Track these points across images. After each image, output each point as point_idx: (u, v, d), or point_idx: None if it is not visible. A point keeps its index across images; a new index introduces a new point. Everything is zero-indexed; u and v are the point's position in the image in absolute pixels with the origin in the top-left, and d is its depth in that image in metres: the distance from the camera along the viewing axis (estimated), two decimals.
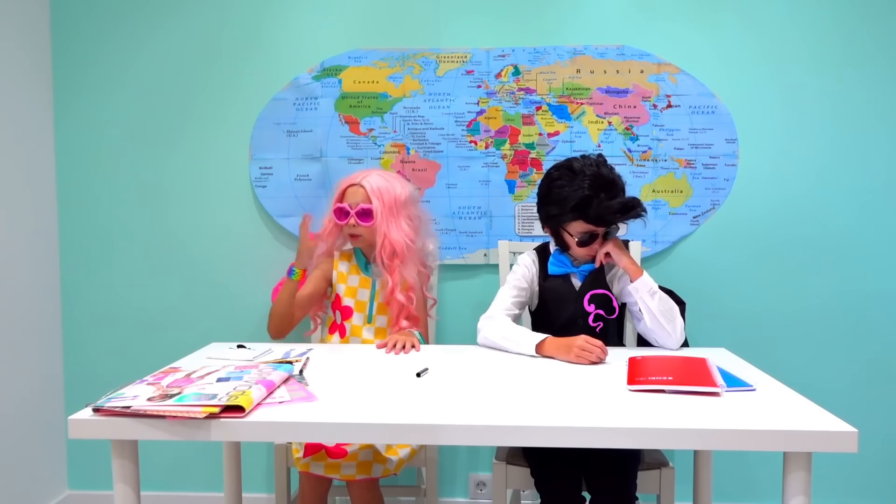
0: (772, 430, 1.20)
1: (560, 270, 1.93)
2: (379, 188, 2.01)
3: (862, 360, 2.37)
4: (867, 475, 2.39)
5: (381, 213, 1.99)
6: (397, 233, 2.00)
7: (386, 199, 2.00)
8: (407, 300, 2.02)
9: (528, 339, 1.78)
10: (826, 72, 2.32)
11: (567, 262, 1.93)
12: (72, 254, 2.49)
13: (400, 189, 2.05)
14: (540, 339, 1.76)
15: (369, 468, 1.80)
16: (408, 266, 2.03)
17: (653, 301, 1.81)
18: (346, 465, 1.79)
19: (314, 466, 1.80)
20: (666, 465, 1.76)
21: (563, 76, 2.36)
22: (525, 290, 1.97)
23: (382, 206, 2.00)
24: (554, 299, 1.95)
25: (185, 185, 2.46)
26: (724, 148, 2.35)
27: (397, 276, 2.00)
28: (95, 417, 1.26)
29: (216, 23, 2.41)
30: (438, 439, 1.25)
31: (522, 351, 1.78)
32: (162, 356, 2.05)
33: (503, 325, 1.87)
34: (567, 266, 1.93)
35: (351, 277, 2.10)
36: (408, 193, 2.08)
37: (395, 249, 2.00)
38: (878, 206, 2.34)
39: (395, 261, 2.01)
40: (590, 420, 1.25)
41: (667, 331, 1.81)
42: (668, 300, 1.83)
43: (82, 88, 2.45)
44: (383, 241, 1.99)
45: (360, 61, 2.39)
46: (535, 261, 2.00)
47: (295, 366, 1.56)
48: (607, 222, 1.84)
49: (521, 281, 1.97)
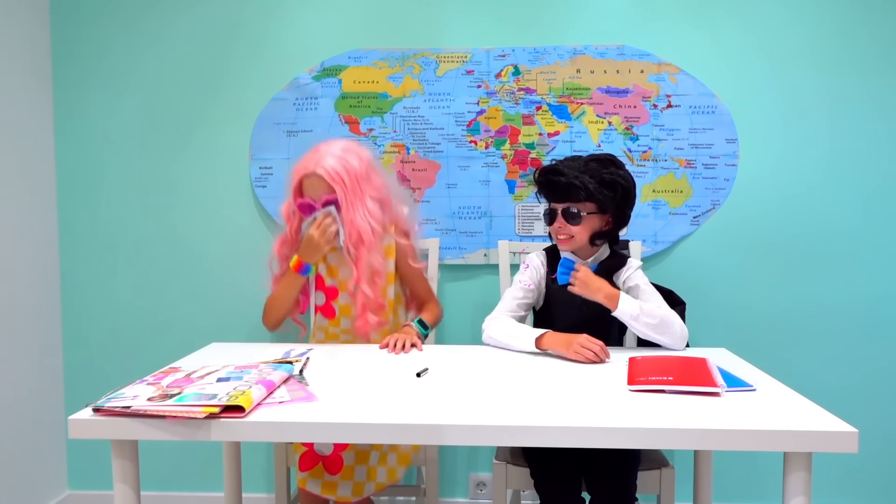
0: (772, 430, 1.20)
1: (567, 279, 1.89)
2: (336, 171, 1.86)
3: (862, 360, 2.37)
4: (867, 475, 2.40)
5: (344, 200, 1.87)
6: (362, 217, 1.88)
7: (348, 181, 1.87)
8: (373, 292, 1.92)
9: (527, 335, 1.79)
10: (827, 71, 2.32)
11: (572, 264, 1.90)
12: (72, 254, 2.49)
13: (357, 161, 1.91)
14: (539, 333, 1.77)
15: (362, 489, 1.81)
16: (373, 252, 1.91)
17: (638, 323, 1.79)
18: (342, 484, 1.80)
19: (311, 484, 1.80)
20: (666, 465, 1.76)
21: (563, 76, 2.36)
22: (532, 292, 1.97)
23: (345, 191, 1.87)
24: (557, 302, 1.95)
25: (184, 185, 2.46)
26: (725, 148, 2.35)
27: (363, 265, 1.90)
28: (95, 417, 1.26)
29: (216, 23, 2.41)
30: (439, 439, 1.25)
31: (523, 347, 1.79)
32: (162, 356, 2.05)
33: (506, 323, 1.88)
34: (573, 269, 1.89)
35: (330, 257, 2.02)
36: (366, 163, 1.94)
37: (361, 236, 1.88)
38: (878, 205, 2.34)
39: (362, 249, 1.89)
40: (590, 420, 1.25)
41: (664, 340, 1.82)
42: (655, 314, 1.79)
43: (82, 88, 2.45)
44: (349, 231, 1.89)
45: (360, 61, 2.39)
46: (544, 262, 1.99)
47: (295, 366, 1.56)
48: (553, 190, 1.86)
49: (529, 283, 1.97)
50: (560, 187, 1.85)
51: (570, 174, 1.84)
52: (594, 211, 1.86)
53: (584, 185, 1.82)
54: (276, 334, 2.47)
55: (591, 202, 1.85)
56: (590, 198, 1.83)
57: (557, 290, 1.93)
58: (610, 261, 1.94)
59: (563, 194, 1.85)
